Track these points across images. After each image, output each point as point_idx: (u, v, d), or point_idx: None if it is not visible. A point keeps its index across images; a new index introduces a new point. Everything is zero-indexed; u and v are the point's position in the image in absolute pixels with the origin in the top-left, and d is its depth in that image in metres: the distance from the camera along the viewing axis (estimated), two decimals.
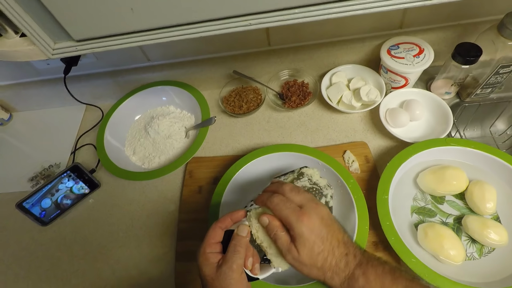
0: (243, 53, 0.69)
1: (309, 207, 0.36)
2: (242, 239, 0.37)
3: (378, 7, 0.32)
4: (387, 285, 0.33)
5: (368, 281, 0.34)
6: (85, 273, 0.55)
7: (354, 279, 0.34)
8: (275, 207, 0.36)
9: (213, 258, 0.36)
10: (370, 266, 0.35)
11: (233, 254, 0.35)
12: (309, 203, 0.37)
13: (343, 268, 0.35)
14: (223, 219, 0.39)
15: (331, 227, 0.36)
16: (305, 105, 0.66)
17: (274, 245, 0.38)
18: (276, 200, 0.37)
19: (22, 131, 0.78)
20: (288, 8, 0.32)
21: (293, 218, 0.35)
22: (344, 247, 0.36)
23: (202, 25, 0.34)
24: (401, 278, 0.34)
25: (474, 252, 0.47)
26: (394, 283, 0.33)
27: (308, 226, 0.35)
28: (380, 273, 0.34)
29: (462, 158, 0.54)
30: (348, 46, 0.66)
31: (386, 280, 0.34)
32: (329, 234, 0.36)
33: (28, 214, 0.57)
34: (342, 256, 0.36)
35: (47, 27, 0.32)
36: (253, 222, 0.38)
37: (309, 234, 0.35)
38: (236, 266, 0.35)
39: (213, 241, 0.38)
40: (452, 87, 0.60)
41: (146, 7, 0.31)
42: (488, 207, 0.48)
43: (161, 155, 0.66)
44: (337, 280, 0.35)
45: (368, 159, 0.59)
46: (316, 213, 0.36)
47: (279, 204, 0.36)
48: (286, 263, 0.38)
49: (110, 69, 0.72)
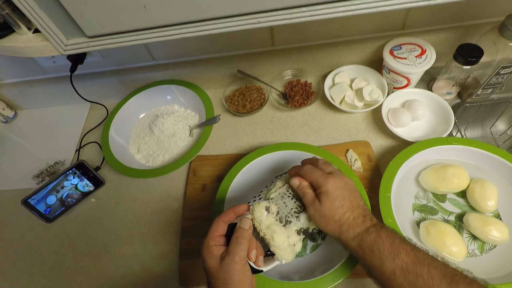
0: (247, 53, 0.69)
1: (337, 173, 0.42)
2: (244, 231, 0.38)
3: (383, 6, 0.33)
4: (397, 243, 0.36)
5: (380, 236, 0.37)
6: (89, 270, 0.56)
7: (367, 233, 0.38)
8: (306, 173, 0.41)
9: (217, 251, 0.37)
10: (383, 228, 0.38)
11: (236, 246, 0.36)
12: (338, 172, 0.43)
13: (360, 223, 0.39)
14: (226, 213, 0.41)
15: (353, 192, 0.41)
16: (308, 105, 0.67)
17: (279, 237, 0.39)
18: (307, 168, 0.42)
19: (27, 128, 0.78)
20: (297, 7, 0.33)
21: (321, 179, 0.40)
22: (362, 210, 0.40)
23: (212, 22, 0.34)
24: (410, 243, 0.37)
25: (475, 249, 0.48)
26: (403, 243, 0.37)
27: (334, 185, 0.39)
28: (392, 234, 0.38)
29: (464, 157, 0.55)
30: (351, 47, 0.67)
31: (397, 239, 0.37)
32: (351, 196, 0.40)
33: (33, 211, 0.57)
34: (360, 215, 0.40)
35: (61, 23, 0.33)
36: (256, 215, 0.39)
37: (333, 190, 0.39)
38: (239, 257, 0.36)
39: (217, 234, 0.39)
40: (454, 87, 0.61)
41: (159, 4, 0.31)
42: (489, 205, 0.49)
43: (165, 153, 0.67)
44: (352, 232, 0.39)
45: (371, 158, 0.60)
46: (342, 178, 0.41)
47: (309, 170, 0.41)
48: (290, 254, 0.40)
49: (115, 67, 0.73)
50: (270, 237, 0.39)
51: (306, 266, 0.49)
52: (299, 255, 0.51)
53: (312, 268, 0.48)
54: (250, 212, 0.40)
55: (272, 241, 0.39)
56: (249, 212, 0.40)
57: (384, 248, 0.36)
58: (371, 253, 0.37)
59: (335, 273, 0.45)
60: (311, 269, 0.48)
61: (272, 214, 0.40)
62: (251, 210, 0.40)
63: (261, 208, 0.40)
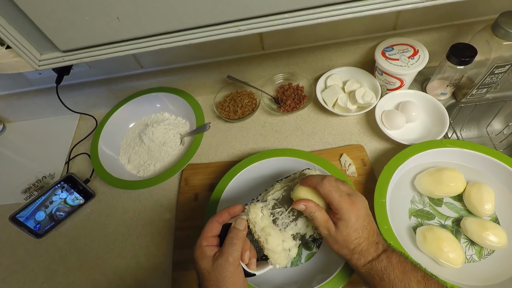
0: (236, 58, 0.68)
1: (357, 197, 0.40)
2: (239, 232, 0.37)
3: (368, 10, 0.32)
4: (408, 270, 0.36)
5: (391, 264, 0.36)
6: (81, 285, 0.55)
7: (378, 261, 0.37)
8: (328, 193, 0.38)
9: (210, 251, 0.36)
10: (394, 254, 0.38)
11: (230, 247, 0.36)
12: (356, 193, 0.40)
13: (372, 252, 0.38)
14: (221, 213, 0.40)
15: (370, 218, 0.40)
16: (300, 109, 0.66)
17: (274, 240, 0.38)
18: (328, 186, 0.38)
19: (16, 141, 0.77)
20: (278, 13, 0.32)
21: (344, 206, 0.38)
22: (377, 236, 0.39)
23: (191, 32, 0.33)
24: (420, 270, 0.37)
25: (473, 255, 0.47)
26: (414, 270, 0.36)
27: (356, 215, 0.38)
28: (403, 260, 0.37)
29: (459, 160, 0.54)
30: (342, 49, 0.66)
31: (408, 266, 0.36)
32: (369, 224, 0.39)
33: (22, 227, 0.56)
34: (374, 244, 0.39)
35: (32, 38, 0.32)
36: (250, 216, 0.38)
37: (355, 222, 0.38)
38: (233, 258, 0.35)
39: (210, 235, 0.38)
40: (448, 87, 0.60)
41: (132, 16, 0.30)
42: (486, 208, 0.48)
43: (156, 163, 0.65)
44: (363, 261, 0.38)
45: (365, 162, 0.59)
46: (363, 204, 0.40)
47: (332, 191, 0.38)
48: (284, 259, 0.39)
49: (103, 77, 0.72)
50: (264, 240, 0.38)
51: (302, 276, 0.48)
52: (294, 264, 0.50)
53: (309, 278, 0.47)
54: (245, 213, 0.39)
55: (266, 244, 0.38)
56: (244, 213, 0.40)
57: (394, 276, 0.35)
58: (381, 281, 0.36)
59: (332, 283, 0.44)
60: (308, 279, 0.47)
61: (268, 217, 0.40)
62: (246, 211, 0.39)
63: (257, 209, 0.39)
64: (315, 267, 0.49)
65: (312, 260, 0.50)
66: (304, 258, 0.50)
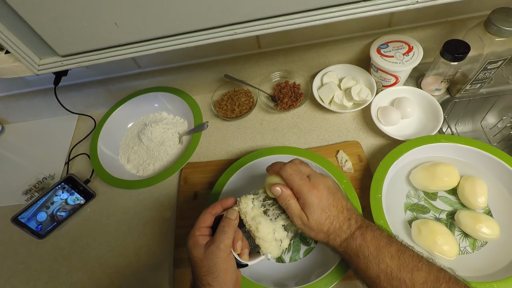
0: (233, 57, 0.68)
1: (317, 178, 0.40)
2: (230, 221, 0.39)
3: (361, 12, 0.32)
4: (382, 246, 0.36)
5: (365, 241, 0.37)
6: (84, 284, 0.55)
7: (353, 239, 0.38)
8: (288, 177, 0.39)
9: (202, 240, 0.38)
10: (369, 230, 0.38)
11: (221, 234, 0.37)
12: (316, 174, 0.41)
13: (345, 229, 0.39)
14: (214, 206, 0.41)
15: (336, 195, 0.40)
16: (297, 107, 0.66)
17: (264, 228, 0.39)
18: (289, 170, 0.39)
19: (15, 143, 0.77)
20: (272, 17, 0.33)
21: (304, 189, 0.38)
22: (347, 212, 0.40)
23: (187, 35, 0.34)
24: (395, 243, 0.37)
25: (467, 247, 0.48)
26: (388, 245, 0.36)
27: (318, 196, 0.38)
28: (378, 236, 0.37)
29: (453, 154, 0.55)
30: (338, 46, 0.67)
31: (382, 242, 0.37)
32: (335, 201, 0.39)
33: (24, 228, 0.57)
34: (345, 220, 0.39)
35: (31, 43, 0.32)
36: (241, 206, 0.40)
37: (318, 203, 0.38)
38: (224, 245, 0.36)
39: (203, 225, 0.39)
40: (442, 83, 0.61)
41: (130, 21, 0.31)
42: (479, 201, 0.49)
43: (156, 162, 0.66)
44: (338, 240, 0.39)
45: (361, 158, 0.60)
46: (323, 183, 0.40)
47: (292, 175, 0.39)
48: (275, 249, 0.40)
49: (101, 77, 0.72)
50: (255, 229, 0.39)
51: (301, 271, 0.49)
52: (292, 259, 0.51)
53: (308, 272, 0.48)
54: (237, 205, 0.41)
55: (256, 232, 0.39)
56: (236, 205, 0.41)
57: (369, 253, 0.36)
58: (357, 258, 0.37)
59: (329, 277, 0.45)
60: (306, 273, 0.48)
61: (259, 207, 0.41)
62: (238, 202, 0.41)
63: (248, 200, 0.41)
64: (313, 261, 0.50)
65: (310, 255, 0.51)
66: (302, 253, 0.51)
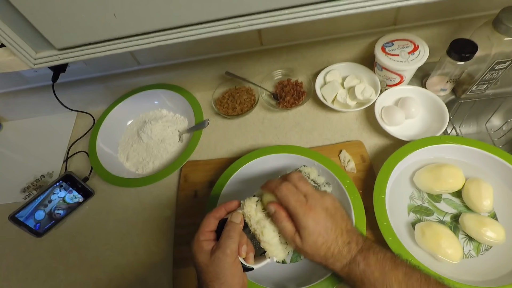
0: (235, 54, 0.67)
1: (315, 199, 0.37)
2: (235, 225, 0.38)
3: (369, 6, 0.31)
4: (387, 270, 0.34)
5: (369, 266, 0.35)
6: (83, 283, 0.55)
7: (355, 264, 0.36)
8: (283, 197, 0.37)
9: (207, 246, 0.37)
10: (371, 253, 0.36)
11: (227, 239, 0.36)
12: (314, 194, 0.38)
13: (345, 254, 0.36)
14: (218, 209, 0.40)
15: (335, 217, 0.38)
16: (299, 105, 0.65)
17: (269, 232, 0.38)
18: (284, 190, 0.37)
19: (13, 140, 0.76)
20: (278, 9, 0.32)
21: (300, 211, 0.36)
22: (347, 235, 0.37)
23: (189, 28, 0.33)
24: (401, 265, 0.35)
25: (471, 250, 0.47)
26: (394, 268, 0.35)
27: (314, 219, 0.36)
28: (381, 259, 0.35)
29: (458, 156, 0.54)
30: (342, 44, 0.65)
31: (387, 266, 0.35)
32: (333, 224, 0.37)
33: (22, 226, 0.56)
34: (345, 244, 0.37)
35: (26, 36, 0.31)
36: (246, 209, 0.39)
37: (314, 227, 0.36)
38: (230, 251, 0.35)
39: (207, 230, 0.38)
40: (448, 83, 0.60)
41: (129, 12, 0.30)
42: (485, 204, 0.48)
43: (155, 160, 0.65)
44: (339, 265, 0.37)
45: (364, 158, 0.59)
46: (321, 205, 0.37)
47: (288, 195, 0.37)
48: (281, 252, 0.39)
49: (100, 74, 0.71)
50: (260, 232, 0.38)
51: (302, 272, 0.49)
52: (294, 260, 0.50)
53: (309, 274, 0.48)
54: (241, 208, 0.40)
55: (261, 236, 0.38)
56: (240, 208, 0.40)
57: (374, 279, 0.34)
58: (362, 284, 0.35)
59: (331, 279, 0.44)
60: (308, 275, 0.48)
61: (263, 210, 0.40)
62: (242, 205, 0.40)
63: (252, 203, 0.40)
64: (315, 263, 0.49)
65: None
66: None
